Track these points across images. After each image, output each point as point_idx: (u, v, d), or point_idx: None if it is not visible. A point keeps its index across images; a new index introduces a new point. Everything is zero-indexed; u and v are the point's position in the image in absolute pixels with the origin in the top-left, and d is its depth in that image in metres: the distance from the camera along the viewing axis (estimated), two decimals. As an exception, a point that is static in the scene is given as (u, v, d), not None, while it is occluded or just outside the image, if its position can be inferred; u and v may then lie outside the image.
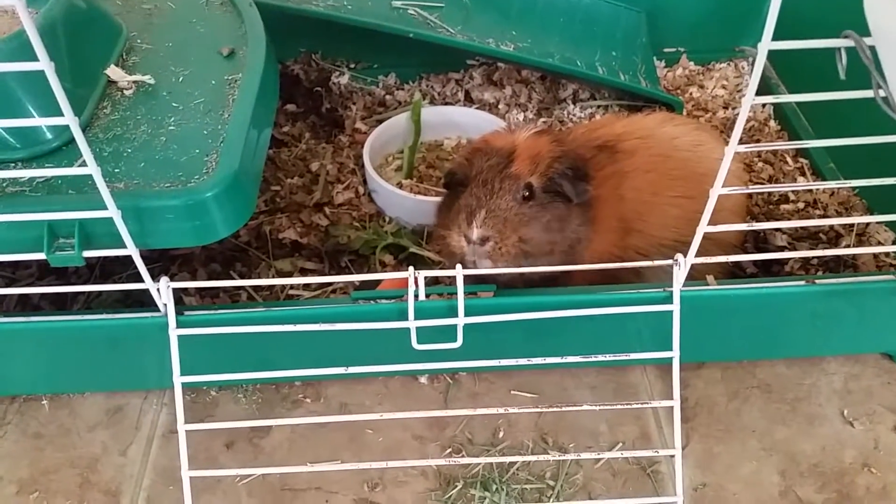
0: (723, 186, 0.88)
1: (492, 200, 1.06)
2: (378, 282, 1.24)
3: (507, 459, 1.09)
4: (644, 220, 1.17)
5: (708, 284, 1.08)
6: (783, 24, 0.78)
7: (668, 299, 1.02)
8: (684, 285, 1.02)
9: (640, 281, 1.16)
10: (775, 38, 0.71)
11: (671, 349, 1.01)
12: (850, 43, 0.72)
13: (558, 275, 1.10)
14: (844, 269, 1.32)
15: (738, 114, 0.78)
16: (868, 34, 0.71)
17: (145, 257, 0.95)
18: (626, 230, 1.16)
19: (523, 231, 1.06)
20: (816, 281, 1.08)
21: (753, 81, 0.75)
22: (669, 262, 1.01)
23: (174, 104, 1.10)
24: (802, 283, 1.08)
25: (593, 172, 1.14)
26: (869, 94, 0.74)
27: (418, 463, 1.09)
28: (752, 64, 1.83)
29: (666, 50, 1.85)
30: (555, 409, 1.16)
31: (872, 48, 0.71)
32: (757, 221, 1.39)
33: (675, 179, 1.18)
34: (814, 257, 1.31)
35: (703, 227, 0.92)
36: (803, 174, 1.54)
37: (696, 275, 1.08)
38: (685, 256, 0.99)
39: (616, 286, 1.08)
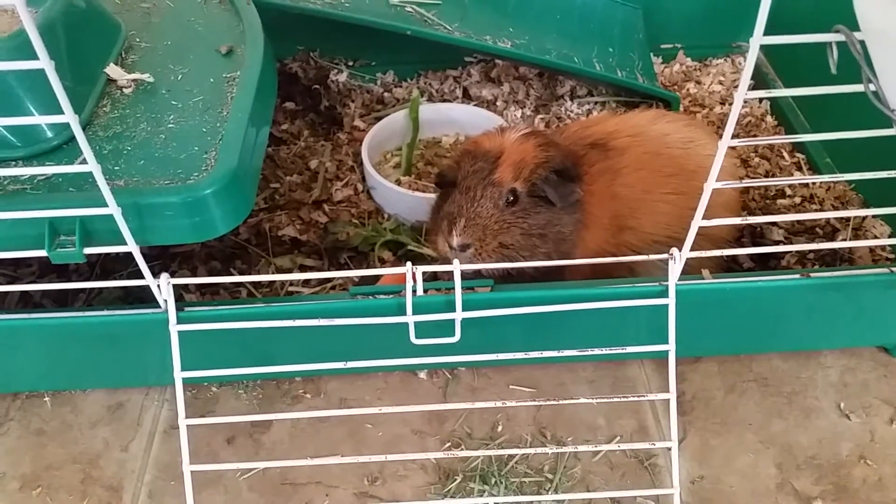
0: (716, 181, 0.89)
1: (472, 208, 1.09)
2: (377, 278, 1.25)
3: (506, 453, 1.10)
4: (636, 218, 1.17)
5: (703, 278, 1.08)
6: (779, 19, 0.79)
7: (664, 293, 1.03)
8: (680, 279, 1.03)
9: (632, 277, 1.17)
10: (770, 33, 0.71)
11: (667, 342, 1.02)
12: (840, 37, 0.73)
13: (552, 271, 1.10)
14: (841, 263, 1.32)
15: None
16: (859, 29, 0.72)
17: (146, 255, 0.95)
18: (619, 227, 1.17)
19: (503, 237, 1.09)
20: (812, 274, 1.09)
21: (745, 75, 0.75)
22: (665, 256, 1.02)
23: (173, 102, 1.11)
24: (798, 276, 1.09)
25: (586, 169, 1.15)
26: (861, 88, 0.75)
27: (418, 457, 1.10)
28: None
29: (663, 46, 1.86)
30: (553, 403, 1.16)
31: (863, 43, 0.71)
32: (753, 216, 1.40)
33: (667, 176, 1.18)
34: (810, 252, 1.32)
35: (698, 221, 0.93)
36: (800, 169, 1.55)
37: (690, 270, 1.08)
38: (679, 251, 1.00)
39: (613, 280, 1.09)
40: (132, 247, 0.92)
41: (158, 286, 0.99)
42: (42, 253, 0.92)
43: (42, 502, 1.08)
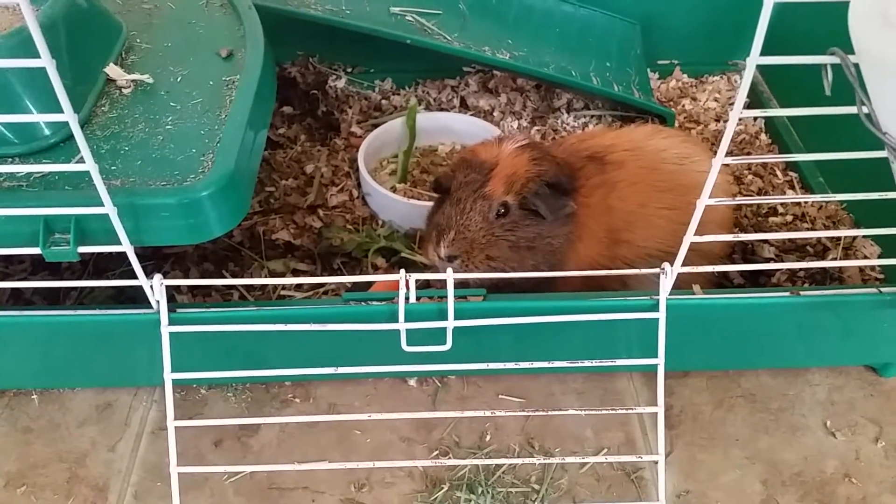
0: (709, 198, 0.90)
1: (461, 220, 1.10)
2: (370, 284, 1.25)
3: (494, 462, 1.10)
4: (631, 231, 1.18)
5: (694, 293, 1.09)
6: (775, 39, 0.80)
7: (655, 307, 1.03)
8: (671, 294, 1.03)
9: (625, 290, 1.18)
10: (766, 52, 0.72)
11: (657, 356, 1.02)
12: (835, 60, 0.74)
13: (543, 282, 1.11)
14: (831, 282, 1.33)
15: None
16: (854, 52, 0.73)
17: (139, 255, 0.95)
18: (613, 240, 1.17)
19: (490, 250, 1.10)
20: (802, 292, 1.10)
21: (741, 94, 0.76)
22: (656, 270, 1.02)
23: (172, 104, 1.11)
24: (788, 294, 1.10)
25: (582, 181, 1.15)
26: (855, 110, 0.76)
27: (405, 464, 1.10)
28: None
29: (660, 62, 1.88)
30: (541, 414, 1.17)
31: (857, 66, 0.72)
32: (745, 233, 1.41)
33: (662, 191, 1.19)
34: (800, 270, 1.33)
35: (690, 237, 0.93)
36: (792, 188, 1.56)
37: (682, 285, 1.09)
38: (672, 266, 1.01)
39: (604, 293, 1.10)
40: (127, 247, 0.92)
41: (151, 286, 0.99)
42: (36, 251, 0.92)
43: (27, 501, 1.08)
